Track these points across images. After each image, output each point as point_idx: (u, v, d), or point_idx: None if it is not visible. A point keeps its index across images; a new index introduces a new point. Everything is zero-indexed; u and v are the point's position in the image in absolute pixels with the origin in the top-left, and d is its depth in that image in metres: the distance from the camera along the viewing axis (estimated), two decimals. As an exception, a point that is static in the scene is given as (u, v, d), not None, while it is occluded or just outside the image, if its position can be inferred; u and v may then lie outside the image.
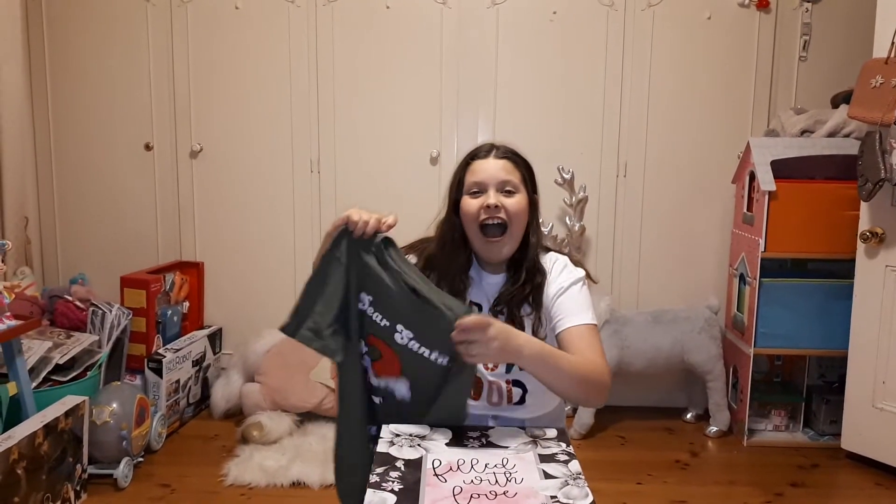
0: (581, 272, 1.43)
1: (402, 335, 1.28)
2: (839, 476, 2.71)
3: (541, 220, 1.51)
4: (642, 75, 3.15)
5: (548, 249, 1.50)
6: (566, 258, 1.47)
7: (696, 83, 3.16)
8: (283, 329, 1.33)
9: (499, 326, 1.18)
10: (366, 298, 1.31)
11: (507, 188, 1.41)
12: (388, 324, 1.30)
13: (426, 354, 1.28)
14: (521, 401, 1.43)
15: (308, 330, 1.31)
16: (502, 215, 1.39)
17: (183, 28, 3.21)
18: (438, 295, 1.27)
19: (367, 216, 1.27)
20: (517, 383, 1.43)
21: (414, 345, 1.28)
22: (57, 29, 3.26)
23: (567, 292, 1.39)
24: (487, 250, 1.43)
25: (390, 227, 1.29)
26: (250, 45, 3.21)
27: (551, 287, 1.40)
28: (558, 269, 1.43)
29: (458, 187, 1.47)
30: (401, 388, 1.33)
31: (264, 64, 3.22)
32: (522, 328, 1.38)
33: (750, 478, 2.66)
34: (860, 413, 2.71)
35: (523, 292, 1.39)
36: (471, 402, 1.44)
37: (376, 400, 1.37)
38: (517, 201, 1.41)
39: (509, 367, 1.42)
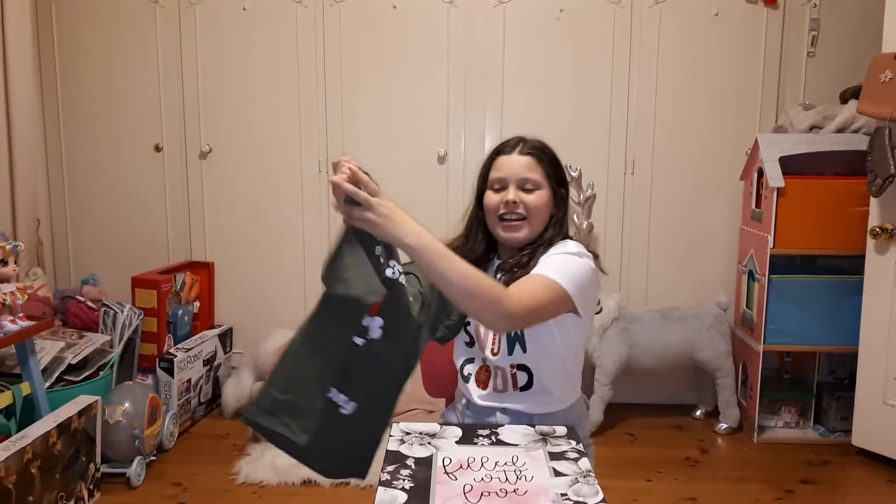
0: (576, 247, 1.41)
1: (395, 270, 1.27)
2: (850, 473, 2.71)
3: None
4: (649, 73, 3.15)
5: (569, 237, 1.49)
6: (577, 242, 1.46)
7: (703, 80, 3.15)
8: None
9: (388, 206, 1.16)
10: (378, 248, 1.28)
11: (528, 185, 1.44)
12: (384, 261, 1.27)
13: (405, 282, 1.28)
14: (528, 386, 1.43)
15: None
16: (521, 211, 1.43)
17: (191, 30, 3.23)
18: None
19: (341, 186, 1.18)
20: (521, 367, 1.43)
21: (402, 277, 1.27)
22: (66, 32, 3.29)
23: (550, 257, 1.39)
24: (506, 234, 1.46)
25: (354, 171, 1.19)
26: (258, 46, 3.23)
27: (544, 255, 1.41)
28: (560, 245, 1.43)
29: (483, 181, 1.51)
30: (375, 327, 1.30)
31: (272, 64, 3.23)
32: None
33: (760, 475, 2.66)
34: (871, 409, 2.70)
35: (522, 261, 1.42)
36: (478, 392, 1.48)
37: (359, 342, 1.29)
38: (537, 197, 1.44)
39: (511, 350, 1.43)
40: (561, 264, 1.35)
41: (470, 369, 1.50)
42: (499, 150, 1.50)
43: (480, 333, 1.48)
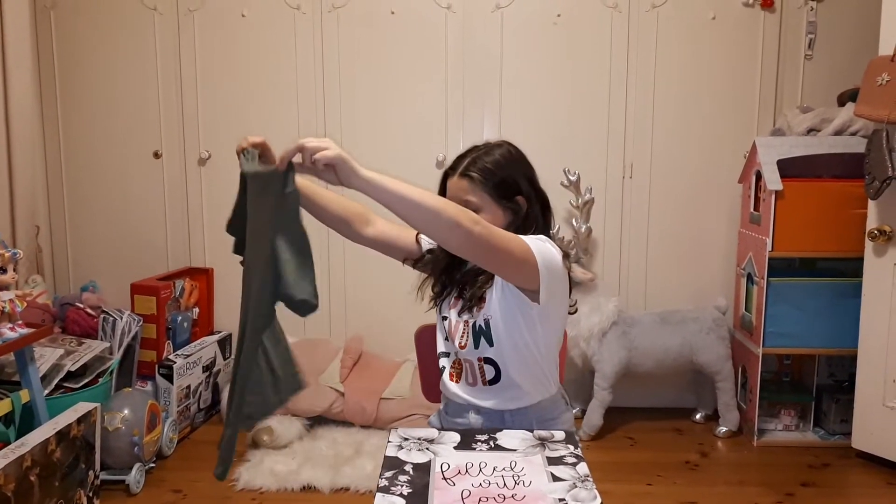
0: (542, 236, 1.42)
1: None
2: (850, 475, 2.70)
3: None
4: (647, 76, 3.15)
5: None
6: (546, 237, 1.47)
7: (701, 83, 3.16)
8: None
9: (337, 148, 1.21)
10: None
11: (469, 208, 1.40)
12: None
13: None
14: (495, 380, 1.45)
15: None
16: None
17: (190, 36, 3.24)
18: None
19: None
20: (488, 361, 1.45)
21: None
22: (65, 39, 3.29)
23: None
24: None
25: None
26: (257, 53, 3.24)
27: None
28: None
29: None
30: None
31: (271, 70, 3.24)
32: (483, 298, 1.44)
33: (760, 478, 2.66)
34: (871, 412, 2.70)
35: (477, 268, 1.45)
36: (453, 385, 1.50)
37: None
38: None
39: (477, 343, 1.45)
40: (533, 241, 1.36)
41: (445, 362, 1.53)
42: (447, 171, 1.51)
43: (452, 327, 1.50)
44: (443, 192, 1.51)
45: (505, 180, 1.46)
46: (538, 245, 1.35)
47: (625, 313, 3.05)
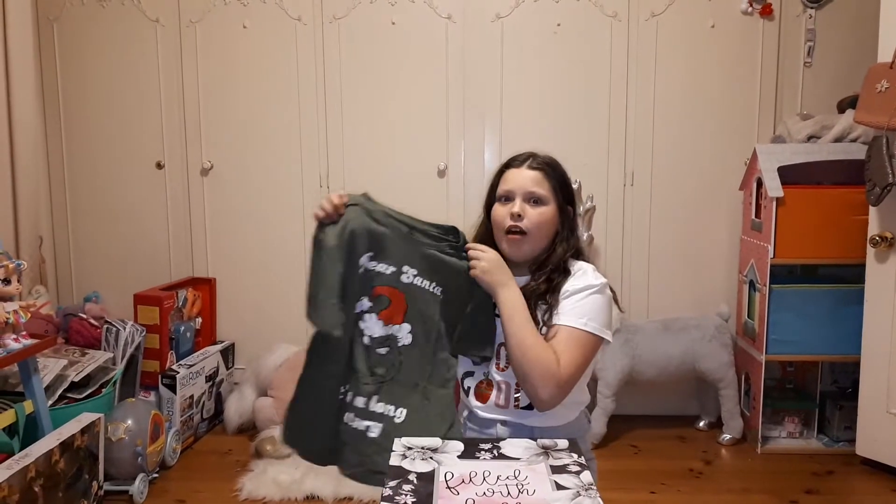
0: (598, 280, 1.43)
1: (408, 274, 1.42)
2: (854, 482, 2.70)
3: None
4: (647, 85, 3.16)
5: (579, 257, 1.51)
6: (592, 267, 1.48)
7: (701, 91, 3.17)
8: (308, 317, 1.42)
9: (497, 256, 1.40)
10: (364, 258, 1.42)
11: (534, 199, 1.45)
12: (393, 269, 1.42)
13: (427, 286, 1.42)
14: (530, 407, 1.43)
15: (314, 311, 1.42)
16: (523, 224, 1.44)
17: (192, 48, 3.26)
18: (430, 226, 1.45)
19: (325, 203, 1.43)
20: None
21: (418, 280, 1.42)
22: (68, 51, 3.32)
23: (574, 295, 1.40)
24: (509, 248, 1.48)
25: (342, 201, 1.42)
26: (258, 63, 3.25)
27: (564, 287, 1.42)
28: (578, 274, 1.44)
29: (491, 193, 1.53)
30: (403, 334, 1.43)
31: (272, 81, 3.26)
32: (538, 323, 1.42)
33: (764, 485, 2.65)
34: (874, 419, 2.70)
35: (541, 289, 1.43)
36: (479, 405, 1.48)
37: (381, 351, 1.43)
38: (541, 212, 1.45)
39: None
40: (585, 309, 1.38)
41: (469, 382, 1.50)
42: (508, 163, 1.52)
43: None
44: (496, 183, 1.52)
45: (568, 184, 1.52)
46: (601, 316, 1.40)
47: (627, 321, 3.05)
